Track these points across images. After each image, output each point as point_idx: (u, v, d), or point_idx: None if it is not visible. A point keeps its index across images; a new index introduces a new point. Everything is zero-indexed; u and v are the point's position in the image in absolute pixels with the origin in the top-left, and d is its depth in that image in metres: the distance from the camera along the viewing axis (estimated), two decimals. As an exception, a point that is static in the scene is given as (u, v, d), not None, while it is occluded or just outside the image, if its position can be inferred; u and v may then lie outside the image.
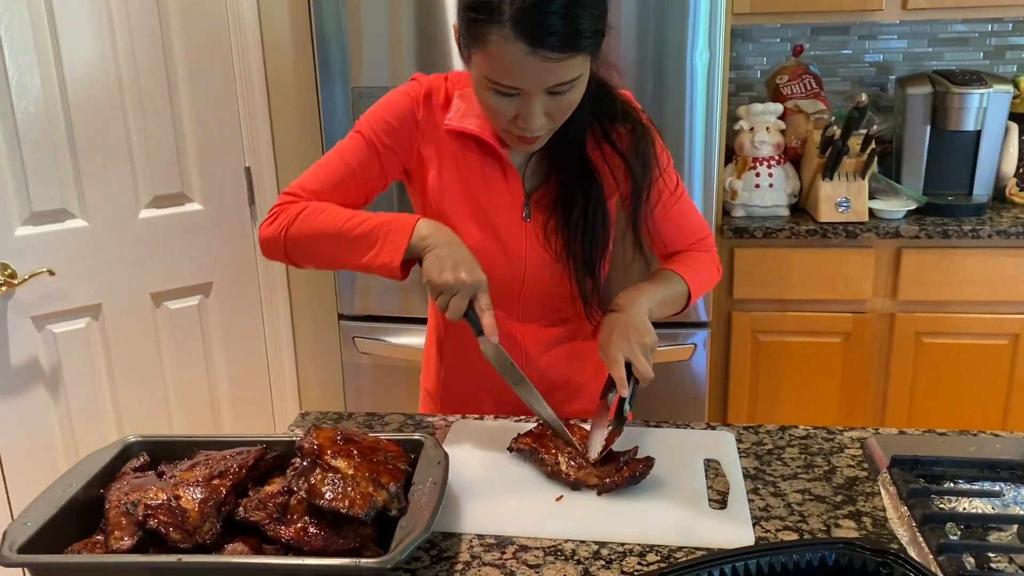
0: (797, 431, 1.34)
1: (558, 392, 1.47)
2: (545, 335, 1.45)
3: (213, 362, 2.60)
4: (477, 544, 1.07)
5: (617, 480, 1.15)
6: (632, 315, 1.31)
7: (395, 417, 1.42)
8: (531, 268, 1.38)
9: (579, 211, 1.33)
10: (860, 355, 2.64)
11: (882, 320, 2.62)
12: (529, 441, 1.24)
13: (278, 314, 2.71)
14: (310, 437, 1.06)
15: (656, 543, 1.06)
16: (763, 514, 1.12)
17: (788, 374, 2.68)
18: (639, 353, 1.26)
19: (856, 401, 2.68)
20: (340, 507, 0.98)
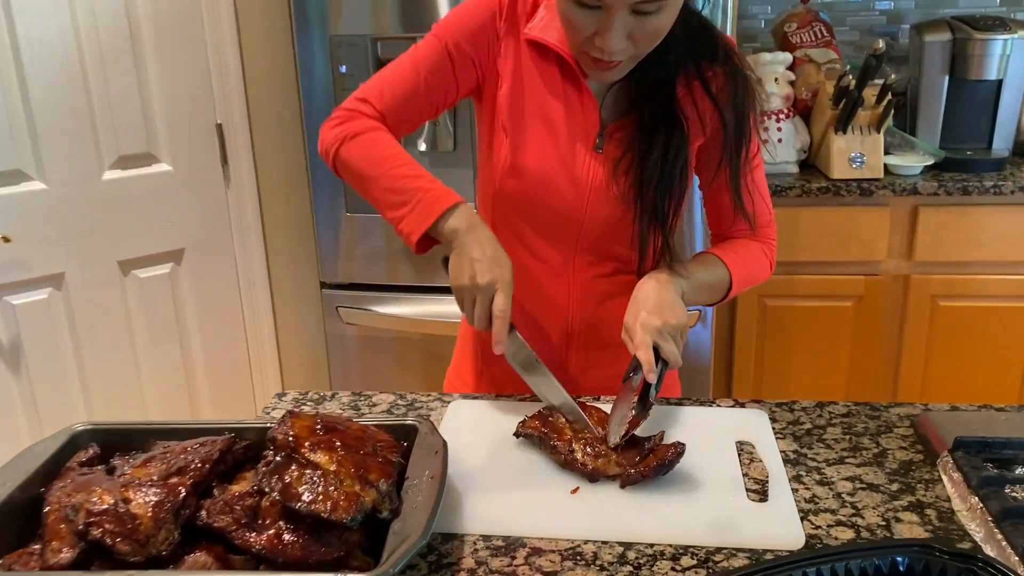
0: (837, 408, 1.20)
1: (603, 352, 1.32)
2: (599, 285, 1.30)
3: (187, 335, 2.44)
4: (483, 547, 0.92)
5: (643, 470, 1.00)
6: (664, 294, 1.16)
7: (384, 397, 1.26)
8: (593, 204, 1.23)
9: (657, 154, 1.18)
10: (873, 320, 2.51)
11: (896, 282, 2.49)
12: (538, 425, 1.08)
13: (256, 283, 2.54)
14: (284, 426, 0.90)
15: (690, 543, 0.91)
16: (810, 507, 0.97)
17: (796, 340, 2.54)
18: (669, 337, 1.11)
19: (867, 368, 2.55)
20: (320, 511, 0.82)
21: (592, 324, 1.31)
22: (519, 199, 1.24)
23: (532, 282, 1.28)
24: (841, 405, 1.20)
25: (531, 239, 1.27)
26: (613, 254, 1.28)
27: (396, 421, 1.04)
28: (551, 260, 1.27)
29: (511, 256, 1.18)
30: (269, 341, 2.60)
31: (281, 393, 1.28)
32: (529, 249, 1.27)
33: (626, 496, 0.99)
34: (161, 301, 2.36)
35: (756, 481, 1.03)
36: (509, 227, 1.27)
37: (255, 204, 2.48)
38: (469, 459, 1.07)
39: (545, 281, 1.28)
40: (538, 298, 1.29)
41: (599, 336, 1.31)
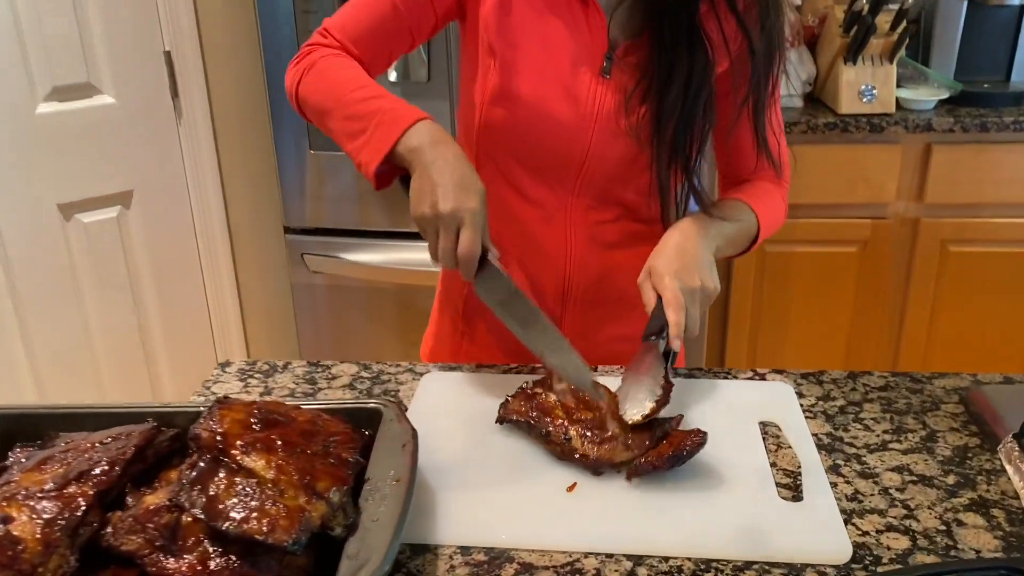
0: (872, 380, 1.03)
1: (604, 310, 1.15)
2: (604, 232, 1.12)
3: (140, 286, 2.24)
4: (460, 562, 0.75)
5: (654, 460, 0.83)
6: (699, 251, 0.99)
7: (346, 368, 1.08)
8: (599, 140, 1.04)
9: (679, 82, 0.99)
10: (878, 266, 2.35)
11: (905, 226, 2.32)
12: (524, 409, 0.91)
13: (214, 228, 2.33)
14: (212, 420, 0.72)
15: (714, 556, 0.75)
16: (853, 506, 0.81)
17: (796, 288, 2.39)
18: (700, 302, 0.94)
19: (871, 317, 2.40)
20: (254, 532, 0.65)
21: (592, 278, 1.13)
22: (508, 132, 1.05)
23: (522, 229, 1.10)
24: (877, 376, 1.04)
25: (521, 179, 1.08)
26: (619, 198, 1.10)
27: (356, 404, 0.86)
28: (545, 203, 1.09)
29: (497, 198, 1.00)
30: (230, 292, 2.40)
31: (224, 363, 1.10)
32: (519, 191, 1.09)
33: (634, 495, 0.82)
34: (109, 248, 2.16)
35: (787, 473, 0.86)
36: (496, 165, 1.08)
37: (210, 141, 2.26)
38: (444, 448, 0.90)
39: (537, 228, 1.10)
40: (529, 247, 1.11)
41: (601, 292, 1.14)
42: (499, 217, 0.96)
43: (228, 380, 1.06)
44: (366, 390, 1.03)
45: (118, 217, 2.16)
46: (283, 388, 1.03)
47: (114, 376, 2.22)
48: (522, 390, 0.94)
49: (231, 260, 2.38)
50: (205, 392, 1.03)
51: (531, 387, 0.95)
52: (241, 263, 2.40)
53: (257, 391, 1.03)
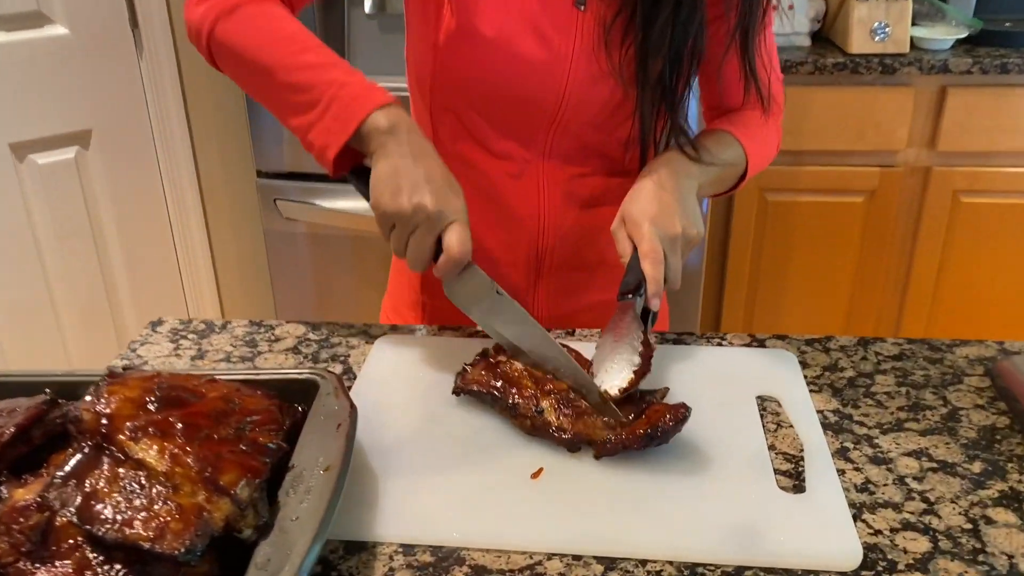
0: (885, 347, 0.91)
1: (583, 274, 1.03)
2: (580, 188, 0.99)
3: (102, 233, 2.10)
4: (402, 563, 0.64)
5: (624, 438, 0.71)
6: (679, 192, 0.87)
7: (291, 328, 0.96)
8: (575, 84, 0.91)
9: (667, 11, 0.86)
10: (885, 217, 2.22)
11: (915, 175, 2.19)
12: (485, 378, 0.79)
13: (180, 170, 2.19)
14: (97, 399, 0.60)
15: (701, 560, 0.64)
16: (864, 499, 0.70)
17: (798, 239, 2.26)
18: (679, 249, 0.83)
19: (876, 272, 2.28)
20: (136, 539, 0.53)
21: (568, 240, 1.00)
22: (468, 77, 0.91)
23: (487, 188, 0.97)
24: (891, 343, 0.92)
25: (485, 132, 0.95)
26: (597, 148, 0.97)
27: (287, 374, 0.74)
28: (514, 158, 0.96)
29: (458, 156, 0.89)
30: (200, 241, 2.27)
31: (156, 322, 0.98)
32: (483, 145, 0.96)
33: (608, 484, 0.71)
34: (66, 192, 2.02)
35: (787, 458, 0.75)
36: (455, 116, 0.95)
37: (174, 75, 2.11)
38: (393, 425, 0.78)
39: (505, 186, 0.97)
40: (496, 209, 0.98)
41: (578, 256, 1.01)
42: (460, 176, 0.83)
43: (158, 341, 0.94)
44: (311, 355, 0.91)
45: (76, 158, 2.02)
46: (218, 351, 0.91)
47: (78, 331, 2.10)
48: (483, 357, 0.82)
49: (200, 206, 2.25)
50: (130, 355, 0.91)
51: (493, 353, 0.82)
52: (212, 209, 2.27)
53: (189, 354, 0.91)
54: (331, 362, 0.89)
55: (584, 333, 0.95)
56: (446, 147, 0.95)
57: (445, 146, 0.95)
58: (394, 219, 0.80)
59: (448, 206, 0.79)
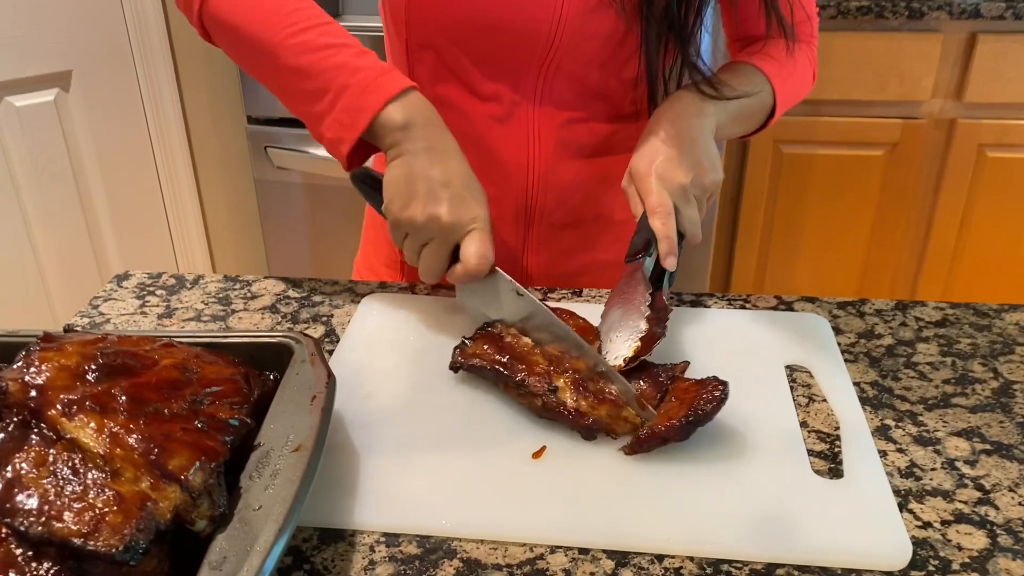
0: (926, 312, 0.82)
1: (579, 231, 0.94)
2: (576, 134, 0.90)
3: (85, 180, 2.01)
4: (383, 556, 0.56)
5: (663, 429, 0.62)
6: (695, 132, 0.77)
7: (269, 284, 0.87)
8: (570, 15, 0.81)
9: None
10: (906, 173, 2.12)
11: (939, 128, 2.08)
12: (490, 352, 0.70)
13: (167, 116, 2.09)
14: (27, 368, 0.51)
15: (725, 555, 0.56)
16: (909, 485, 0.62)
17: (813, 194, 2.16)
18: (694, 199, 0.74)
19: (894, 230, 2.18)
20: (65, 534, 0.45)
21: (562, 193, 0.91)
22: (448, 11, 0.81)
23: (471, 134, 0.87)
24: (932, 307, 0.83)
25: (469, 71, 0.85)
26: (597, 90, 0.87)
27: (258, 338, 0.66)
28: (502, 100, 0.86)
29: (438, 99, 0.80)
30: (188, 190, 2.18)
31: (122, 275, 0.89)
32: (467, 86, 0.86)
33: (620, 467, 0.62)
34: (47, 136, 1.92)
35: (822, 437, 0.66)
36: (434, 54, 0.85)
37: (159, 12, 1.99)
38: (376, 397, 0.70)
39: (491, 132, 0.87)
40: (479, 157, 0.88)
41: (573, 211, 0.92)
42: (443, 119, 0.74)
43: (123, 297, 0.85)
44: (291, 315, 0.82)
45: (56, 101, 1.92)
46: (188, 309, 0.83)
47: (60, 282, 2.02)
48: (486, 331, 0.73)
49: (188, 152, 2.14)
50: (91, 313, 0.82)
51: (498, 327, 0.73)
52: (200, 156, 2.17)
53: (156, 312, 0.83)
54: (312, 323, 0.81)
55: (592, 294, 0.86)
56: (426, 90, 0.86)
57: (425, 89, 0.86)
58: (407, 228, 0.73)
59: (466, 215, 0.71)
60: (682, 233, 0.75)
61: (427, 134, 0.72)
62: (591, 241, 0.95)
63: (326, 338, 0.79)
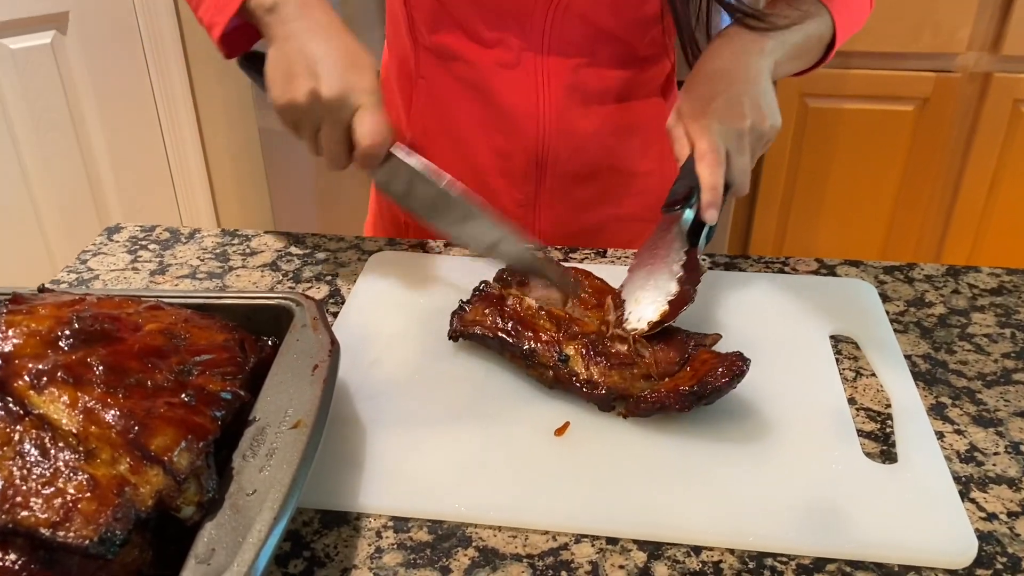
0: (980, 278, 0.76)
1: (593, 184, 0.88)
2: (587, 80, 0.83)
3: (84, 126, 1.94)
4: (391, 542, 0.51)
5: (662, 395, 0.57)
6: (750, 74, 0.71)
7: (269, 240, 0.81)
8: None
9: None
10: (937, 128, 2.03)
11: (973, 82, 1.99)
12: (490, 319, 0.63)
13: (168, 59, 2.01)
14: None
15: (769, 548, 0.50)
16: (970, 471, 0.56)
17: (839, 150, 2.08)
18: (748, 146, 0.67)
19: (921, 190, 2.10)
20: (31, 524, 0.40)
21: (574, 144, 0.84)
22: None
23: (475, 81, 0.80)
24: (987, 273, 0.76)
25: (471, 17, 0.78)
26: (608, 30, 0.80)
27: (254, 299, 0.60)
28: (506, 44, 0.79)
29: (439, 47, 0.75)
30: (191, 135, 2.10)
31: (112, 228, 0.83)
32: (468, 31, 0.79)
33: (652, 446, 0.57)
34: (44, 80, 1.85)
35: (872, 416, 0.60)
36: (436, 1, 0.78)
37: (158, -48, 1.91)
38: (385, 366, 0.64)
39: (497, 79, 0.81)
40: (485, 107, 0.82)
41: (586, 162, 0.86)
42: (440, 71, 0.67)
43: (113, 251, 0.79)
44: (292, 273, 0.76)
45: (52, 43, 1.84)
46: (182, 265, 0.77)
47: (60, 233, 1.96)
48: (483, 292, 0.66)
49: (190, 96, 2.07)
50: (79, 268, 0.77)
51: (496, 287, 0.67)
52: (202, 100, 2.09)
53: (148, 268, 0.77)
54: (315, 283, 0.75)
55: (619, 254, 0.80)
56: (424, 38, 0.79)
57: (423, 37, 0.79)
58: (293, 115, 0.66)
59: (348, 87, 0.64)
60: (728, 183, 0.68)
61: (302, 12, 0.66)
62: (607, 195, 0.89)
63: (330, 299, 0.73)
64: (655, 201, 0.91)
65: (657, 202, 0.91)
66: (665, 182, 0.90)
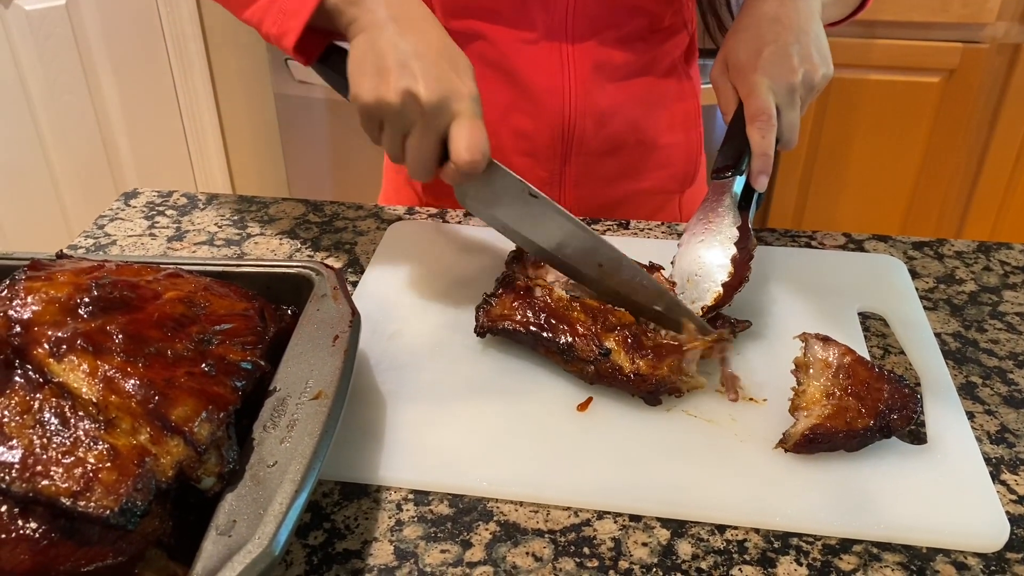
0: (1012, 254, 0.74)
1: (619, 159, 0.86)
2: (611, 54, 0.80)
3: (100, 91, 1.93)
4: (412, 515, 0.50)
5: (839, 434, 0.52)
6: (798, 19, 0.67)
7: (288, 207, 0.80)
8: None
9: None
10: (963, 100, 1.99)
11: (1002, 54, 1.95)
12: (520, 313, 0.60)
13: (183, 25, 1.99)
14: (11, 300, 0.45)
15: (794, 528, 0.49)
16: (1001, 452, 0.55)
17: (862, 123, 2.05)
18: (799, 98, 0.65)
19: (944, 164, 2.07)
20: (51, 493, 0.39)
21: (599, 119, 0.82)
22: None
23: (498, 60, 0.78)
24: (1018, 250, 0.75)
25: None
26: (633, 2, 0.78)
27: (273, 267, 0.59)
28: (534, 23, 0.77)
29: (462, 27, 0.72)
30: (207, 103, 2.09)
31: (130, 193, 0.82)
32: (491, 10, 0.77)
33: (676, 422, 0.56)
34: (58, 43, 1.83)
35: (900, 395, 0.59)
36: None
37: (173, -88, 1.88)
38: (405, 337, 0.63)
39: (520, 57, 0.79)
40: (510, 86, 0.80)
41: (613, 137, 0.84)
42: (467, 53, 0.62)
43: (131, 217, 0.79)
44: (311, 241, 0.75)
45: (67, 5, 1.82)
46: (200, 232, 0.76)
47: (77, 196, 1.96)
48: (508, 283, 0.63)
49: (206, 62, 2.05)
50: (96, 234, 0.76)
51: (524, 277, 0.63)
52: (218, 66, 2.07)
53: (166, 234, 0.76)
54: (334, 251, 0.74)
55: (641, 226, 0.79)
56: (446, 20, 0.76)
57: (443, 21, 0.76)
58: (380, 115, 0.59)
59: (450, 91, 0.57)
60: (776, 139, 0.65)
61: (389, 1, 0.60)
62: (631, 169, 0.87)
63: (349, 268, 0.72)
64: (678, 173, 0.89)
65: (679, 173, 0.89)
66: (688, 154, 0.88)
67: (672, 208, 0.92)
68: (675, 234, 0.77)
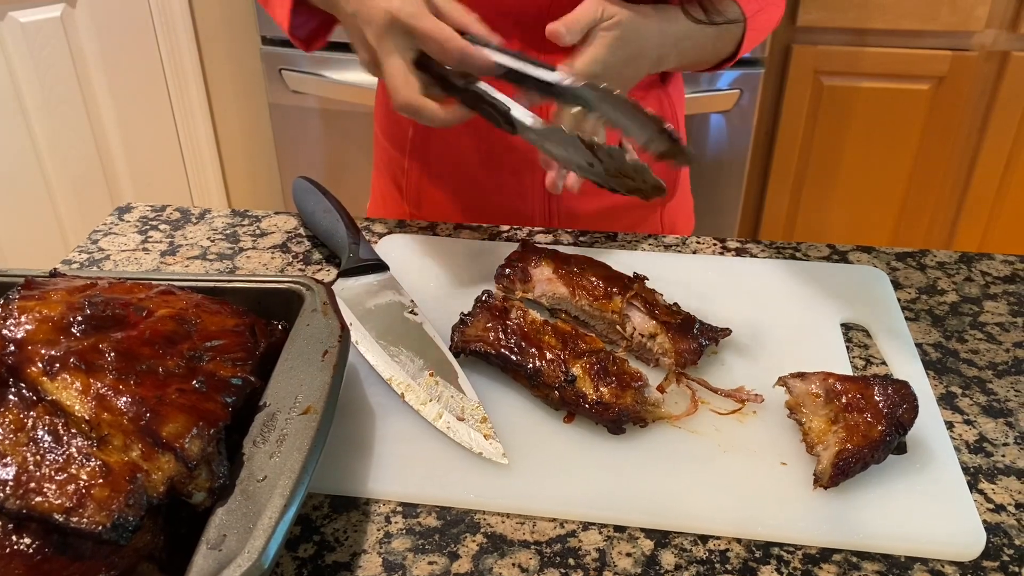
0: (993, 265, 0.75)
1: None
2: None
3: (95, 100, 1.94)
4: (401, 527, 0.51)
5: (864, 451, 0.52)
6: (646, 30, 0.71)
7: (280, 221, 0.81)
8: None
9: None
10: (952, 108, 2.01)
11: (990, 61, 1.97)
12: (492, 335, 0.61)
13: (178, 36, 2.00)
14: (4, 319, 0.46)
15: (777, 538, 0.50)
16: (979, 462, 0.56)
17: (853, 130, 2.06)
18: None
19: (935, 172, 2.09)
20: (44, 510, 0.40)
21: None
22: None
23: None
24: (1000, 261, 0.76)
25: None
26: None
27: (263, 282, 0.60)
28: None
29: None
30: (201, 113, 2.10)
31: (123, 208, 0.83)
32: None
33: (660, 434, 0.57)
34: (54, 54, 1.84)
35: (881, 406, 0.60)
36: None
37: (168, -74, 1.89)
38: (395, 347, 0.64)
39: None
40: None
41: None
42: None
43: (124, 232, 0.80)
44: (302, 255, 0.76)
45: (62, 17, 1.83)
46: (193, 246, 0.77)
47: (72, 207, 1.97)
48: (485, 303, 0.64)
49: (200, 73, 2.06)
50: (90, 248, 0.77)
51: (499, 298, 0.65)
52: (212, 77, 2.08)
53: (159, 248, 0.77)
54: (325, 265, 0.75)
55: (627, 238, 0.80)
56: None
57: None
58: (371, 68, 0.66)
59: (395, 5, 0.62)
60: None
61: None
62: None
63: (340, 281, 0.73)
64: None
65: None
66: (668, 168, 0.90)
67: (654, 220, 0.93)
68: (661, 246, 0.78)
